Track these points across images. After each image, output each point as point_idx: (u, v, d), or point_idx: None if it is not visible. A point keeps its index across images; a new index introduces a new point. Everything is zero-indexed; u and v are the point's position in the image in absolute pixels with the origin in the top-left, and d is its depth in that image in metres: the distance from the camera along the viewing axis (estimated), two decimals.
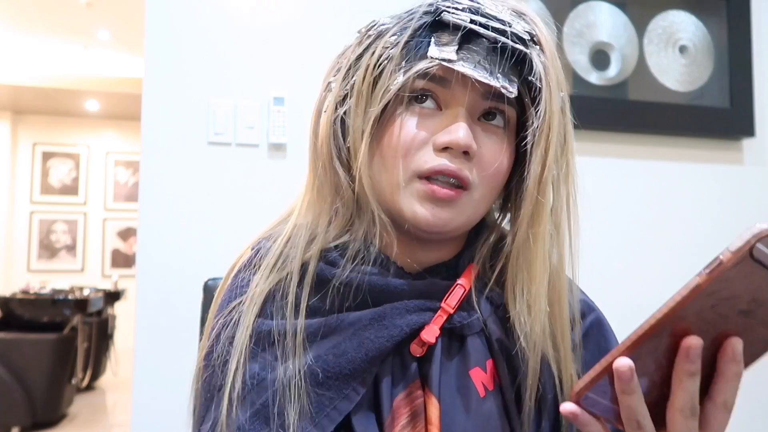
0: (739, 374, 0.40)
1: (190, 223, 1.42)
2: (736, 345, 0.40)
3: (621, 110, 1.67)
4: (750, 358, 0.39)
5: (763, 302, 0.36)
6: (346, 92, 0.58)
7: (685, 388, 0.41)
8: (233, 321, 0.58)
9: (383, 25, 0.59)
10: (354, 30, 0.62)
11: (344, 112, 0.58)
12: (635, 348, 0.39)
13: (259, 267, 0.60)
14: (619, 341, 0.42)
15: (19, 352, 3.53)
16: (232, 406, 0.54)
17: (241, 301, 0.59)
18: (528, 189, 0.56)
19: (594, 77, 1.65)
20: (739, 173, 1.78)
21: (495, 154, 0.57)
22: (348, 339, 0.55)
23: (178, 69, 1.45)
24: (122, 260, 6.53)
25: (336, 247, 0.59)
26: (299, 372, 0.54)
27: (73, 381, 4.00)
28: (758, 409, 1.74)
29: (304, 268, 0.58)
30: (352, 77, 0.58)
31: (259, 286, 0.58)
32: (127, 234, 6.56)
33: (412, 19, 0.57)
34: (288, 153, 1.49)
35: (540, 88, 0.55)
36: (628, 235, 1.68)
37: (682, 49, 1.75)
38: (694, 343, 0.39)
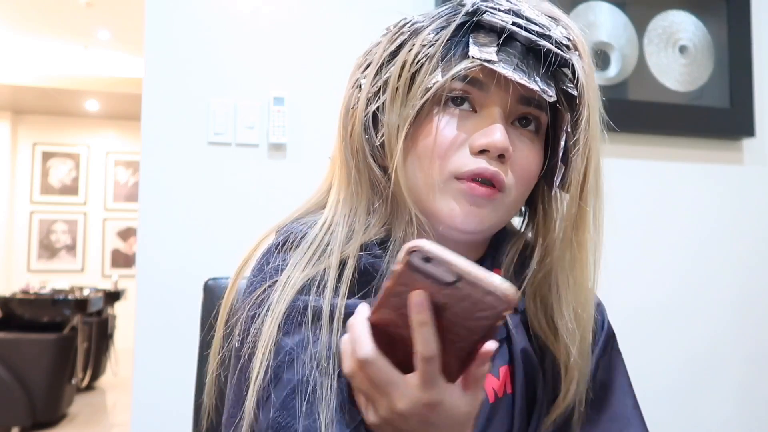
0: (421, 323, 0.43)
1: (190, 223, 1.42)
2: (414, 297, 0.43)
3: (621, 110, 1.67)
4: (467, 343, 0.44)
5: (448, 299, 0.42)
6: (377, 88, 0.58)
7: (419, 336, 0.43)
8: (268, 303, 0.55)
9: (418, 22, 0.58)
10: (354, 30, 0.62)
11: (376, 109, 0.58)
12: (378, 312, 0.47)
13: (294, 250, 0.58)
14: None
15: (19, 352, 3.53)
16: (264, 391, 0.52)
17: (273, 283, 0.56)
18: (571, 196, 0.56)
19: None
20: (739, 173, 1.78)
21: (529, 158, 0.57)
22: None
23: (178, 69, 1.45)
24: (122, 260, 6.53)
25: (376, 242, 0.59)
26: (334, 353, 0.52)
27: (73, 381, 4.00)
28: (758, 409, 1.74)
29: (342, 264, 0.56)
30: (386, 73, 0.57)
31: (292, 277, 0.55)
32: (127, 234, 6.56)
33: (451, 17, 0.56)
34: (288, 153, 1.49)
35: (577, 94, 0.55)
36: (627, 235, 1.68)
37: (682, 49, 1.75)
38: (414, 297, 0.43)
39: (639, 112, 1.68)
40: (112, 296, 5.14)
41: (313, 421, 0.49)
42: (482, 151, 0.54)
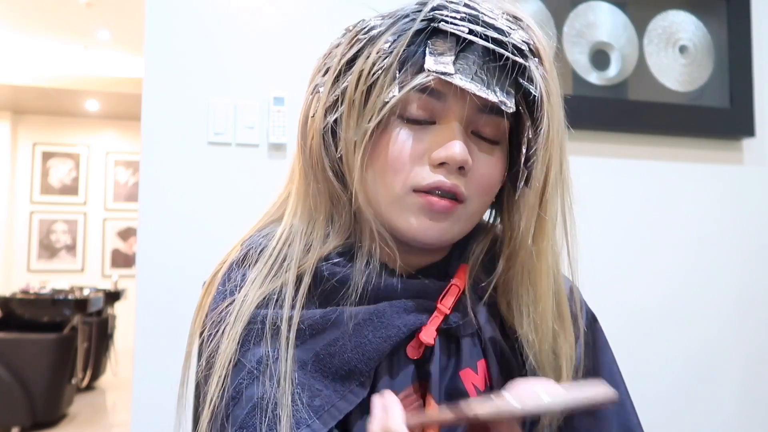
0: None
1: (190, 223, 1.42)
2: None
3: (621, 110, 1.67)
4: None
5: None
6: (335, 98, 0.56)
7: None
8: (225, 323, 0.56)
9: (374, 28, 0.57)
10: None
11: (334, 121, 0.57)
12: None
13: (253, 264, 0.59)
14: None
15: (19, 352, 3.53)
16: (228, 408, 0.53)
17: (232, 301, 0.57)
18: (529, 204, 0.56)
19: (594, 77, 1.65)
20: (739, 173, 1.78)
21: (489, 166, 0.56)
22: (347, 337, 0.54)
23: (178, 69, 1.45)
24: (122, 260, 6.53)
25: (337, 253, 0.59)
26: (295, 365, 0.53)
27: (73, 381, 4.00)
28: (758, 409, 1.74)
29: (299, 279, 0.57)
30: (343, 83, 0.56)
31: (249, 295, 0.56)
32: (127, 234, 6.56)
33: (407, 23, 0.55)
34: (288, 153, 1.49)
35: (538, 100, 0.54)
36: (627, 235, 1.68)
37: (682, 49, 1.75)
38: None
39: (639, 112, 1.68)
40: (112, 296, 5.14)
41: None
42: (441, 164, 0.54)
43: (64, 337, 3.77)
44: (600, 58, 1.67)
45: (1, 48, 4.94)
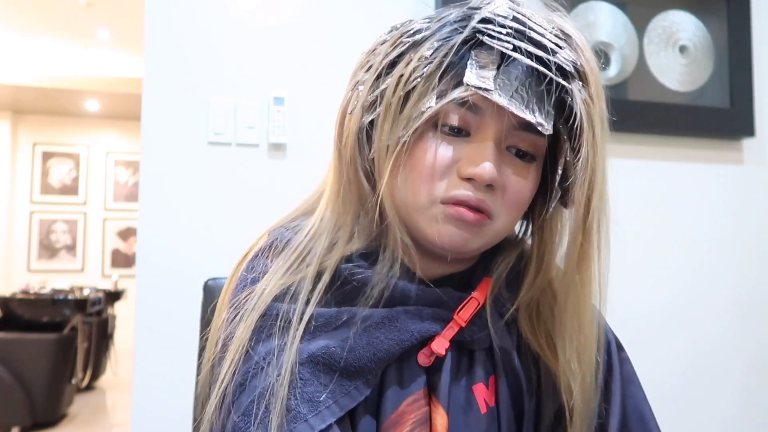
0: None
1: (190, 223, 1.42)
2: None
3: (621, 110, 1.67)
4: None
5: None
6: (374, 98, 0.56)
7: None
8: (244, 309, 0.56)
9: (420, 32, 0.55)
10: (354, 29, 0.61)
11: (370, 121, 0.56)
12: None
13: (277, 255, 0.59)
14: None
15: (19, 352, 3.53)
16: (234, 394, 0.53)
17: (253, 290, 0.57)
18: (573, 233, 0.55)
19: None
20: (739, 173, 1.78)
21: (520, 184, 0.55)
22: (358, 335, 0.54)
23: (178, 69, 1.45)
24: (122, 260, 6.53)
25: (360, 255, 0.58)
26: (301, 358, 0.53)
27: (73, 381, 4.00)
28: (761, 412, 1.74)
29: (318, 275, 0.56)
30: (383, 84, 0.55)
31: (269, 286, 0.56)
32: (127, 234, 6.56)
33: (452, 32, 0.53)
34: (288, 153, 1.49)
35: (577, 125, 0.52)
36: (627, 235, 1.67)
37: (682, 49, 1.75)
38: None
39: (639, 112, 1.68)
40: (112, 296, 5.14)
41: (264, 429, 0.50)
42: (470, 179, 0.53)
43: (64, 337, 3.77)
44: (600, 58, 1.67)
45: (1, 48, 4.94)
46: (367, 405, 0.55)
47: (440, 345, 0.55)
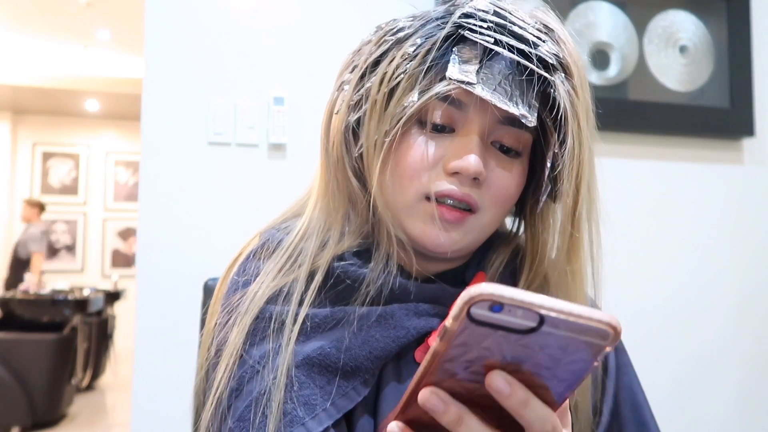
0: (519, 402, 0.35)
1: (190, 223, 1.42)
2: (492, 382, 0.35)
3: (621, 110, 1.67)
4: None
5: (517, 357, 0.34)
6: (359, 97, 0.56)
7: (523, 418, 0.36)
8: (236, 313, 0.56)
9: (403, 29, 0.56)
10: (354, 29, 0.61)
11: (356, 120, 0.56)
12: (407, 408, 0.38)
13: (268, 257, 0.59)
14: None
15: (19, 352, 3.53)
16: (230, 400, 0.53)
17: (246, 293, 0.57)
18: (560, 222, 0.55)
19: (594, 77, 1.65)
20: (739, 173, 1.78)
21: (506, 178, 0.55)
22: (353, 334, 0.54)
23: (178, 69, 1.45)
24: (122, 260, 6.53)
25: (352, 253, 0.58)
26: (297, 360, 0.53)
27: (73, 381, 4.00)
28: (760, 411, 1.74)
29: (311, 275, 0.56)
30: (367, 82, 0.56)
31: (261, 288, 0.56)
32: (127, 234, 6.56)
33: (435, 28, 0.54)
34: (288, 153, 1.49)
35: (561, 116, 0.52)
36: (627, 235, 1.67)
37: (682, 49, 1.75)
38: (495, 380, 0.34)
39: (639, 112, 1.68)
40: (112, 296, 5.14)
41: None
42: (455, 173, 0.53)
43: (64, 337, 3.78)
44: (600, 57, 1.67)
45: (1, 48, 4.94)
46: (366, 404, 0.55)
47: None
